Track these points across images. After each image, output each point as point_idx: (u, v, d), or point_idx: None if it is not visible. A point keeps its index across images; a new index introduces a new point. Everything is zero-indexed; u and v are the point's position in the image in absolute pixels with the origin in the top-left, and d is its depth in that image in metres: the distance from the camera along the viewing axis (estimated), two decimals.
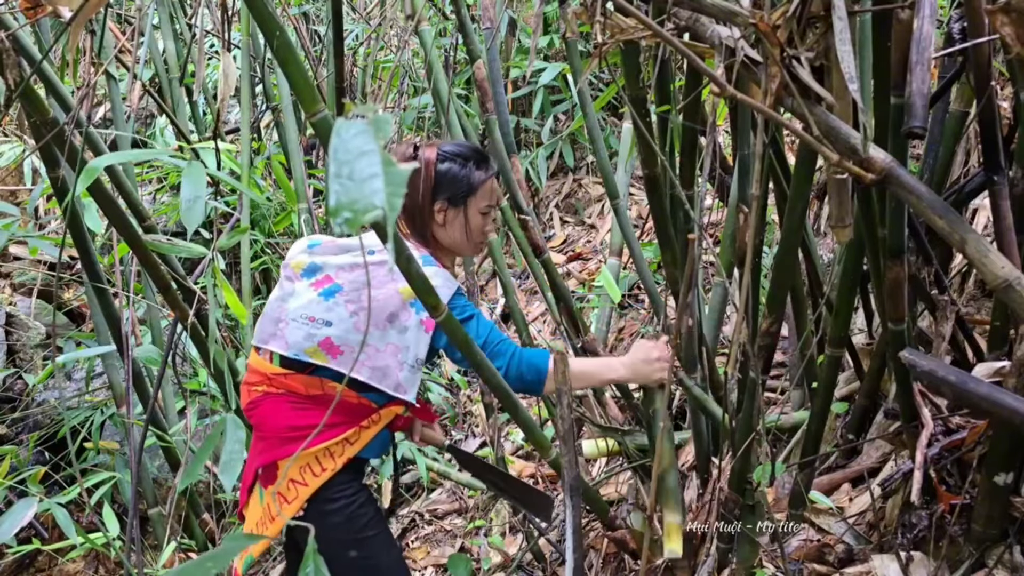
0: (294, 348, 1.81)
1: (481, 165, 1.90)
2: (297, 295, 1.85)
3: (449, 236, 1.91)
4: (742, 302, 1.48)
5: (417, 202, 1.87)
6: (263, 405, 1.86)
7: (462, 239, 1.91)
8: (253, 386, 1.88)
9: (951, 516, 1.66)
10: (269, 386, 1.85)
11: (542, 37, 4.94)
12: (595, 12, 1.29)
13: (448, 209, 1.88)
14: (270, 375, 1.85)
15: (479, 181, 1.89)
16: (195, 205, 1.55)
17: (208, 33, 4.57)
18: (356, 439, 1.84)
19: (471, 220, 1.90)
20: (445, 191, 1.88)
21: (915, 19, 1.23)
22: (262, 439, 1.87)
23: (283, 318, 1.84)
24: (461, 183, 1.88)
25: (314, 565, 0.72)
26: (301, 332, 1.81)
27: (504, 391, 1.74)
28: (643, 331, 3.61)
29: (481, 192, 1.89)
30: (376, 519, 1.91)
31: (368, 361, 1.78)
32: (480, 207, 1.90)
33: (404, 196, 1.84)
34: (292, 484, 1.82)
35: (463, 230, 1.90)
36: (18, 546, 2.69)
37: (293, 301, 1.85)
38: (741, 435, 1.74)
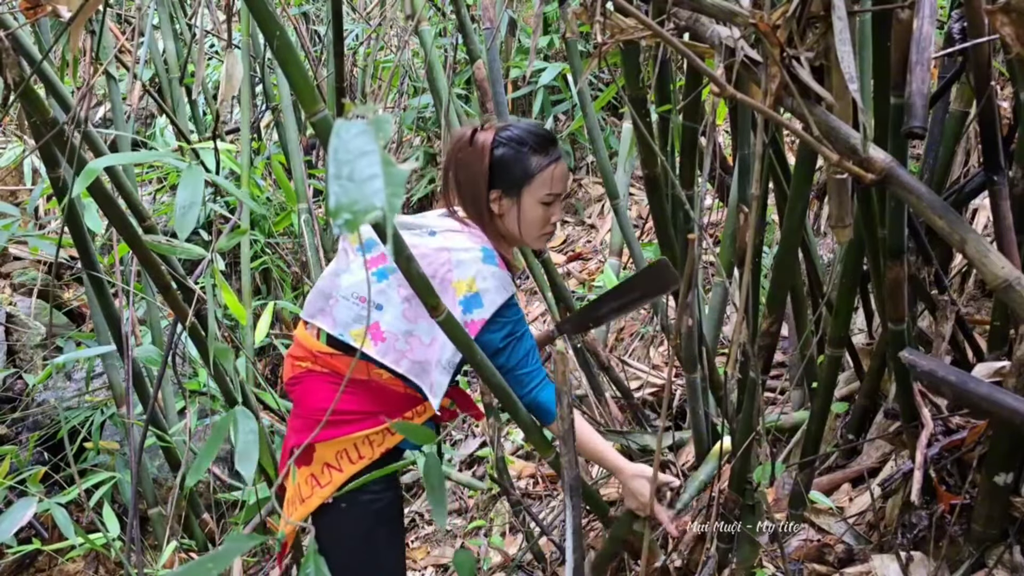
0: (341, 327, 1.74)
1: (541, 150, 1.75)
2: (351, 271, 1.77)
3: (507, 227, 1.79)
4: (742, 302, 1.48)
5: (475, 190, 1.76)
6: (305, 382, 1.79)
7: (521, 230, 1.79)
8: (298, 360, 1.81)
9: (951, 516, 1.66)
10: (314, 363, 1.78)
11: (542, 37, 4.94)
12: (595, 12, 1.29)
13: (503, 198, 1.76)
14: (316, 352, 1.77)
15: (537, 168, 1.74)
16: (189, 211, 1.54)
17: (208, 33, 4.56)
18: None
19: (527, 211, 1.76)
20: (500, 179, 1.75)
21: (915, 19, 1.23)
22: (299, 417, 1.81)
23: (334, 294, 1.77)
24: (515, 170, 1.74)
25: (314, 565, 0.72)
26: (351, 312, 1.73)
27: (504, 391, 1.74)
28: (643, 331, 3.62)
29: (539, 180, 1.74)
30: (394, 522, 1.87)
31: (410, 353, 1.71)
32: (539, 196, 1.75)
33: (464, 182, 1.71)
34: (327, 468, 1.76)
35: (520, 220, 1.77)
36: (18, 546, 2.69)
37: (346, 278, 1.77)
38: (741, 435, 1.74)
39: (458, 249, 1.73)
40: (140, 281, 3.03)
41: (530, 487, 3.23)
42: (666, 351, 3.39)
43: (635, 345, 3.64)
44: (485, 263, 1.71)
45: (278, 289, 4.45)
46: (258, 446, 1.66)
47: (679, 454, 2.46)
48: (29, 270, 4.61)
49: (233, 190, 1.86)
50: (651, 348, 3.49)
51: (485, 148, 1.75)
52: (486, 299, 1.70)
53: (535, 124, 1.83)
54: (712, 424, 2.19)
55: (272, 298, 4.33)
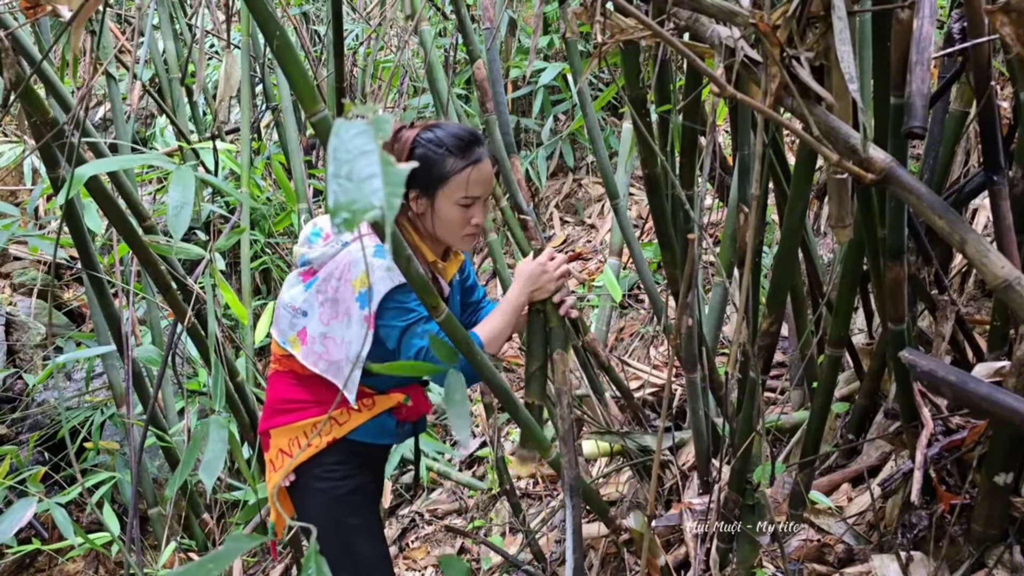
0: (281, 336, 1.90)
1: (459, 152, 1.75)
2: (289, 284, 1.92)
3: (426, 227, 1.81)
4: (742, 302, 1.48)
5: None
6: (271, 380, 1.99)
7: (440, 230, 1.80)
8: (271, 363, 2.01)
9: (951, 516, 1.65)
10: (278, 365, 1.96)
11: (542, 37, 4.94)
12: (595, 12, 1.29)
13: (420, 198, 1.78)
14: (278, 356, 1.96)
15: (452, 171, 1.74)
16: (182, 211, 1.54)
17: (208, 33, 4.56)
18: (345, 420, 1.88)
19: (442, 212, 1.77)
20: (417, 179, 1.75)
21: (915, 19, 1.23)
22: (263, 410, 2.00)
23: (279, 306, 1.92)
24: (432, 172, 1.75)
25: (315, 566, 0.72)
26: (286, 320, 1.88)
27: (504, 391, 1.74)
28: (643, 331, 3.62)
29: (455, 182, 1.74)
30: (362, 509, 1.93)
31: (326, 355, 1.81)
32: (455, 199, 1.75)
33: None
34: (281, 454, 1.92)
35: (435, 221, 1.79)
36: (18, 546, 2.69)
37: (286, 290, 1.91)
38: (741, 435, 1.74)
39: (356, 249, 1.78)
40: (140, 281, 3.03)
41: (530, 487, 3.23)
42: (666, 351, 3.39)
43: (635, 345, 3.64)
44: (375, 257, 1.77)
45: (278, 289, 4.44)
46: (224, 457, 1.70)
47: (679, 454, 2.46)
48: (29, 270, 4.61)
49: (232, 190, 1.86)
50: (651, 348, 3.49)
51: (405, 147, 1.77)
52: (376, 287, 1.75)
53: (461, 127, 1.84)
54: (712, 424, 2.19)
55: (272, 298, 4.33)
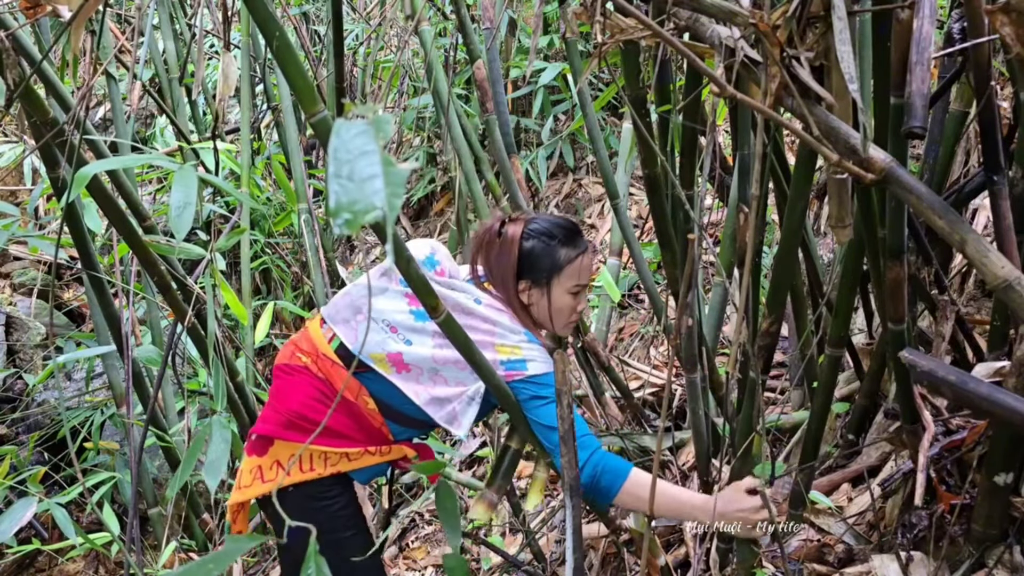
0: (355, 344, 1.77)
1: (569, 242, 1.80)
2: (389, 297, 1.79)
3: (537, 315, 1.83)
4: (742, 302, 1.48)
5: (505, 280, 1.80)
6: (297, 376, 1.81)
7: (551, 319, 1.83)
8: (300, 352, 1.83)
9: (951, 516, 1.66)
10: (313, 362, 1.81)
11: (542, 37, 4.94)
12: (595, 12, 1.29)
13: (532, 289, 1.80)
14: (321, 353, 1.80)
15: (565, 261, 1.79)
16: (184, 212, 1.54)
17: (208, 33, 4.56)
18: (356, 459, 1.82)
19: (555, 301, 1.80)
20: (529, 271, 1.79)
21: (915, 19, 1.23)
22: (275, 410, 1.83)
23: (363, 311, 1.79)
24: (544, 262, 1.78)
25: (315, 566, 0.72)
26: (377, 335, 1.75)
27: (503, 391, 1.74)
28: (643, 331, 3.62)
29: (568, 272, 1.79)
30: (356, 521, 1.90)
31: (432, 390, 1.74)
32: (567, 287, 1.80)
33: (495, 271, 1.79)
34: (276, 466, 1.81)
35: (550, 310, 1.81)
36: (18, 546, 2.69)
37: (382, 301, 1.78)
38: (741, 435, 1.74)
39: (504, 325, 1.77)
40: (140, 281, 3.03)
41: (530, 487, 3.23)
42: (666, 351, 3.39)
43: (635, 345, 3.64)
44: (530, 342, 1.77)
45: (278, 289, 4.45)
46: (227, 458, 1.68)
47: (679, 454, 2.46)
48: (29, 270, 4.61)
49: (232, 190, 1.86)
50: (651, 348, 3.49)
51: (515, 240, 1.78)
52: (530, 364, 1.74)
53: (563, 217, 1.87)
54: (712, 424, 2.19)
55: (272, 298, 4.33)
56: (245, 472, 1.83)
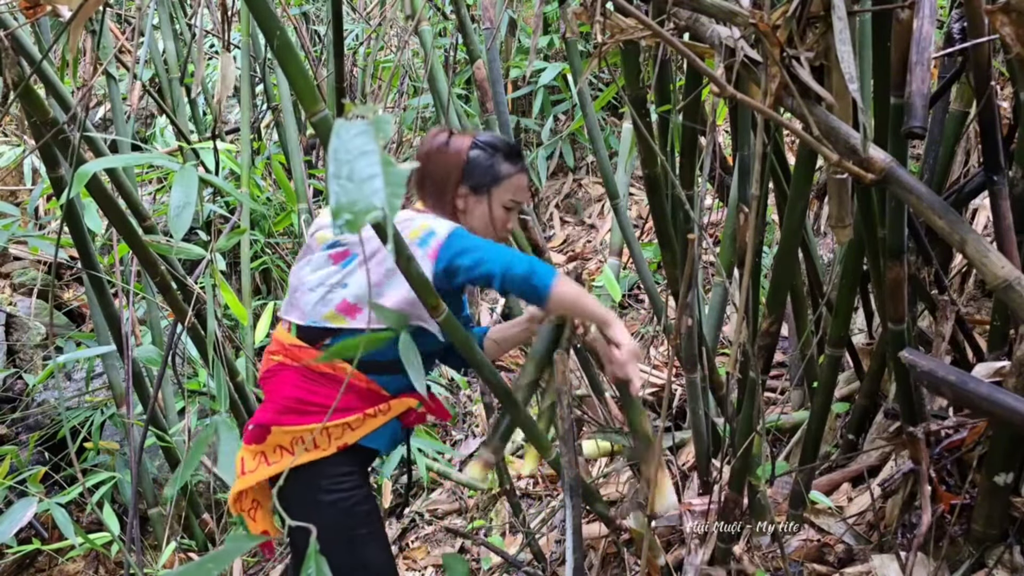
0: (311, 316, 1.81)
1: (511, 158, 1.89)
2: (315, 264, 1.86)
3: (468, 224, 1.88)
4: (742, 302, 1.48)
5: (444, 185, 1.87)
6: (278, 375, 1.87)
7: (482, 228, 1.89)
8: (272, 354, 1.89)
9: (951, 516, 1.66)
10: (285, 357, 1.86)
11: (542, 37, 4.94)
12: (595, 12, 1.29)
13: (470, 196, 1.87)
14: (287, 345, 1.86)
15: (506, 174, 1.88)
16: (184, 212, 1.54)
17: (208, 33, 4.57)
18: (359, 425, 1.82)
19: (494, 211, 1.88)
20: (471, 177, 1.87)
21: (915, 19, 1.23)
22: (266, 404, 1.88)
23: (299, 288, 1.85)
24: (487, 172, 1.87)
25: (315, 566, 0.72)
26: (317, 297, 1.80)
27: (504, 390, 1.74)
28: (643, 331, 3.62)
29: (507, 184, 1.88)
30: (372, 517, 1.89)
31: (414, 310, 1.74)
32: (504, 200, 1.88)
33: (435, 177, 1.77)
34: (279, 450, 1.83)
35: (484, 219, 1.88)
36: (18, 546, 2.69)
37: (310, 270, 1.85)
38: (741, 435, 1.74)
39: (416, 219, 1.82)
40: (140, 281, 3.03)
41: (530, 487, 3.23)
42: (666, 351, 3.39)
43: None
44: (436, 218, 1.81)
45: (278, 289, 4.45)
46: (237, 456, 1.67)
47: (679, 454, 2.46)
48: (29, 270, 4.61)
49: (232, 191, 1.86)
50: (651, 348, 3.49)
51: (462, 149, 1.86)
52: (439, 229, 1.77)
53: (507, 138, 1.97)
54: (712, 424, 2.19)
55: (272, 298, 4.33)
56: (247, 459, 1.85)
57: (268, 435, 1.83)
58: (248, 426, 1.87)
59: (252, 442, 1.85)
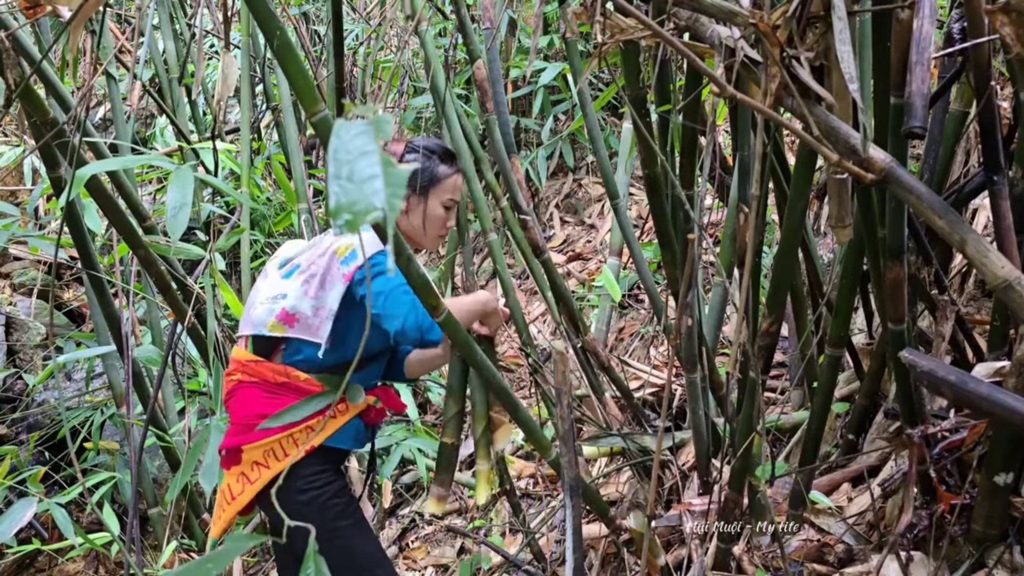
0: (258, 326, 1.91)
1: (446, 160, 1.99)
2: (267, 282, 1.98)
3: (408, 224, 1.98)
4: (742, 302, 1.48)
5: None
6: (237, 393, 1.95)
7: (425, 226, 1.98)
8: (230, 375, 1.97)
9: (951, 516, 1.65)
10: (243, 374, 1.94)
11: (542, 37, 4.94)
12: (595, 12, 1.29)
13: (410, 199, 1.97)
14: (244, 362, 1.94)
15: (443, 175, 1.98)
16: (181, 212, 1.55)
17: (208, 33, 4.57)
18: (321, 427, 1.90)
19: (431, 210, 1.97)
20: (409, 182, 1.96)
21: (915, 19, 1.23)
22: (232, 425, 1.96)
23: (253, 304, 1.97)
24: (424, 174, 1.96)
25: (315, 566, 0.72)
26: (263, 309, 1.91)
27: (504, 390, 1.74)
28: (643, 331, 3.62)
29: (444, 186, 1.97)
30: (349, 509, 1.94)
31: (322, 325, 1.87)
32: (442, 199, 1.98)
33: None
34: (256, 466, 1.90)
35: (422, 219, 1.97)
36: (18, 546, 2.69)
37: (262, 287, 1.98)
38: (741, 435, 1.74)
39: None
40: (140, 281, 3.03)
41: (530, 487, 3.23)
42: (666, 351, 3.39)
43: (635, 345, 3.64)
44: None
45: None
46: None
47: (679, 454, 2.46)
48: (29, 270, 4.61)
49: (232, 191, 1.86)
50: (651, 348, 3.49)
51: (396, 155, 1.97)
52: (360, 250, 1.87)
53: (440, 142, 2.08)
54: (712, 424, 2.19)
55: None
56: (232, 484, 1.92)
57: (242, 454, 1.91)
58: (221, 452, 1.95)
59: (230, 466, 1.93)
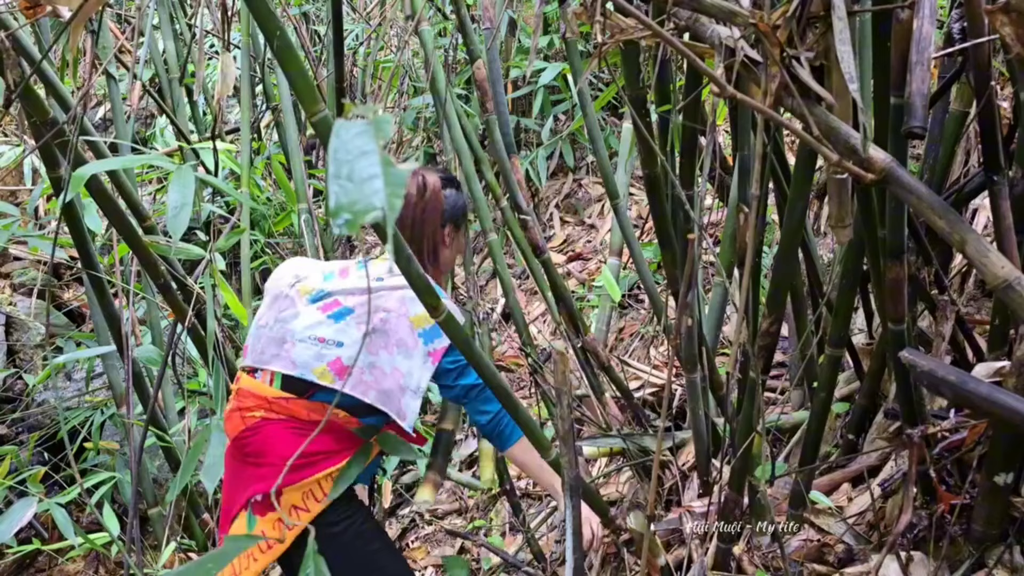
0: (301, 368, 1.77)
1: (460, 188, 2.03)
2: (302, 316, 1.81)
3: (447, 257, 2.01)
4: (742, 302, 1.48)
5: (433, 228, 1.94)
6: (263, 431, 1.81)
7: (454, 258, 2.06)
8: (248, 411, 1.82)
9: (951, 516, 1.65)
10: (268, 411, 1.80)
11: (542, 37, 4.94)
12: (595, 12, 1.29)
13: (451, 233, 1.99)
14: (270, 399, 1.80)
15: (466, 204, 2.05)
16: (182, 212, 1.54)
17: (208, 33, 4.56)
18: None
19: (460, 240, 2.02)
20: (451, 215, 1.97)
21: (915, 19, 1.23)
22: (261, 467, 1.81)
23: (287, 339, 1.80)
24: (460, 206, 1.99)
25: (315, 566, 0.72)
26: (310, 352, 1.77)
27: (504, 390, 1.74)
28: (643, 331, 3.62)
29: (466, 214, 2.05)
30: (378, 531, 1.93)
31: (375, 384, 1.76)
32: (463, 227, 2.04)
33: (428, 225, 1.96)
34: (295, 511, 1.79)
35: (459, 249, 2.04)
36: (18, 546, 2.69)
37: (298, 322, 1.81)
38: (741, 435, 1.74)
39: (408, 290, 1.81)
40: (140, 281, 3.03)
41: (530, 487, 3.23)
42: (666, 351, 3.39)
43: (635, 345, 3.64)
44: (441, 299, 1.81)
45: None
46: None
47: (679, 454, 2.46)
48: (29, 270, 4.61)
49: (232, 191, 1.86)
50: (651, 348, 3.49)
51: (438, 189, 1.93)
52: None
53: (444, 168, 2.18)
54: (712, 424, 2.19)
55: None
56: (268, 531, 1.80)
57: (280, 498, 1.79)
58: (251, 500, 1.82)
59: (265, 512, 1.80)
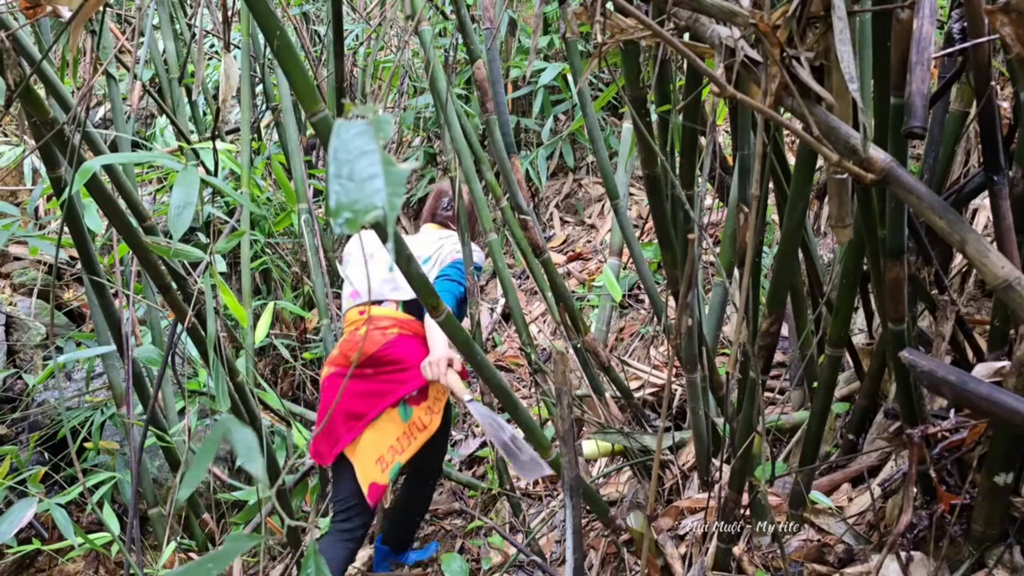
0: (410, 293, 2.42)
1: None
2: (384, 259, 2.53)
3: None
4: (742, 302, 1.48)
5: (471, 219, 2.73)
6: (401, 343, 2.44)
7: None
8: (386, 329, 2.45)
9: (951, 516, 1.65)
10: (402, 328, 2.45)
11: (542, 37, 4.94)
12: (595, 12, 1.29)
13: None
14: (401, 319, 2.47)
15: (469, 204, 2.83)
16: (184, 212, 1.54)
17: (208, 33, 4.57)
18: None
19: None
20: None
21: (915, 19, 1.23)
22: (406, 370, 2.41)
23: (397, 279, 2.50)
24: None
25: (314, 566, 0.72)
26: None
27: (504, 390, 1.74)
28: (643, 331, 3.61)
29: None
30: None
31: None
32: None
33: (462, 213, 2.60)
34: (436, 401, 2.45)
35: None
36: (18, 546, 2.69)
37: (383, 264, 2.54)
38: (741, 435, 1.74)
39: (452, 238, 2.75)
40: (140, 281, 3.03)
41: (530, 487, 3.23)
42: (666, 351, 3.39)
43: (635, 345, 3.64)
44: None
45: (278, 289, 4.45)
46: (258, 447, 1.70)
47: (679, 454, 2.46)
48: (29, 270, 4.61)
49: (232, 192, 1.86)
50: (651, 348, 3.49)
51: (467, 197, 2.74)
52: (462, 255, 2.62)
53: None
54: (712, 424, 2.19)
55: (272, 298, 4.33)
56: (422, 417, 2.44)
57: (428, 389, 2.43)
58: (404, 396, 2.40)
59: (420, 403, 2.42)
